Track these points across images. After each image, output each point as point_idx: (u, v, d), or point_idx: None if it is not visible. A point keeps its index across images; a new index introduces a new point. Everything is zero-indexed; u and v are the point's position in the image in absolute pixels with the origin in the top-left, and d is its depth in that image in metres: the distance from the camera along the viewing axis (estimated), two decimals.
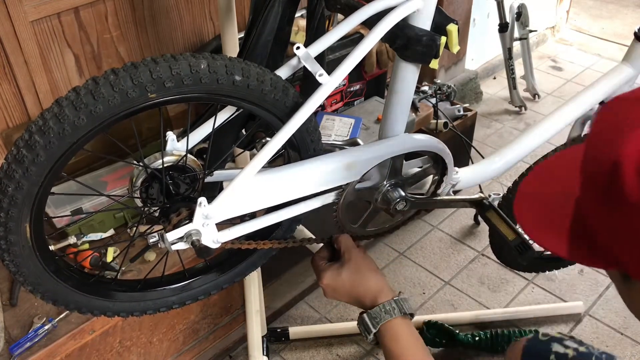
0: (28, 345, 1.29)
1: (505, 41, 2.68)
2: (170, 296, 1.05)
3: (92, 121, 0.76)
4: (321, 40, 0.96)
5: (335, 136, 1.80)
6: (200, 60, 0.80)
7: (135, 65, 0.77)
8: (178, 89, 0.79)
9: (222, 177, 1.02)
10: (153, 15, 1.67)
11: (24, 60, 1.46)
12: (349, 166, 1.00)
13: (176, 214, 0.90)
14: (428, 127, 2.15)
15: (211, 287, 1.08)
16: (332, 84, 0.90)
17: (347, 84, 1.94)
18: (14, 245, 0.82)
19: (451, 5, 2.50)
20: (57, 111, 0.75)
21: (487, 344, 1.76)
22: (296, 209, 1.01)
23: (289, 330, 1.82)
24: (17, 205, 0.78)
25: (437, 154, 1.09)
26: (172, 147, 0.94)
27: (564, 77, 3.20)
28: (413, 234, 2.22)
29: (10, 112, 1.52)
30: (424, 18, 0.92)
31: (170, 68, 0.77)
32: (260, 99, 0.87)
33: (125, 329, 1.47)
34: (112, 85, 0.75)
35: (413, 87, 1.01)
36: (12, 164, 0.76)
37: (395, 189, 1.08)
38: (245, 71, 0.83)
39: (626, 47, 1.28)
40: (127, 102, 0.77)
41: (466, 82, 2.82)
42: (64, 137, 0.75)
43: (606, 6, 3.90)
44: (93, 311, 0.97)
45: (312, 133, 0.97)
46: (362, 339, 1.84)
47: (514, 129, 2.82)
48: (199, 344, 1.72)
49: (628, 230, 0.58)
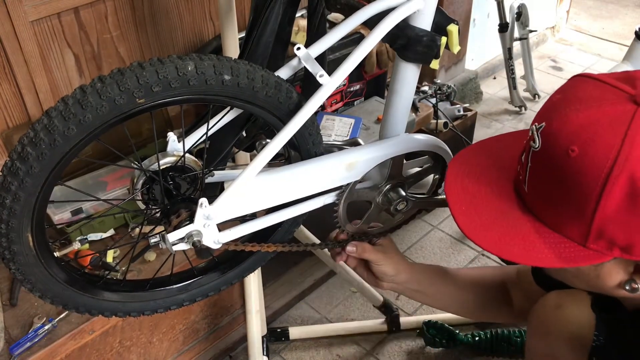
0: (28, 345, 1.29)
1: (505, 41, 2.68)
2: (180, 294, 1.05)
3: (83, 130, 0.76)
4: (322, 41, 0.96)
5: (336, 136, 1.80)
6: (187, 62, 0.79)
7: (121, 72, 0.76)
8: (166, 93, 0.78)
9: (223, 178, 1.02)
10: (153, 15, 1.67)
11: (24, 60, 1.46)
12: (349, 166, 1.00)
13: (177, 215, 0.90)
14: (428, 127, 2.15)
15: (221, 282, 1.08)
16: (332, 85, 0.90)
17: (347, 84, 1.94)
18: (18, 254, 0.83)
19: (451, 5, 2.50)
20: (46, 122, 0.75)
21: (487, 344, 1.76)
22: (297, 209, 1.01)
23: (289, 330, 1.82)
24: (16, 216, 0.78)
25: (438, 153, 1.10)
26: (172, 147, 0.94)
27: (564, 77, 3.20)
28: (413, 234, 2.22)
29: (10, 112, 1.52)
30: (425, 18, 0.92)
31: (157, 72, 0.77)
32: (252, 96, 0.86)
33: (125, 329, 1.47)
34: (99, 93, 0.75)
35: (413, 87, 1.01)
36: (7, 176, 0.76)
37: (396, 188, 1.08)
38: (235, 70, 0.83)
39: (626, 47, 1.28)
40: (115, 109, 0.76)
41: (466, 82, 2.82)
42: (56, 147, 0.75)
43: (606, 6, 3.90)
44: (104, 312, 0.97)
45: (313, 134, 0.97)
46: (362, 338, 1.84)
47: (514, 129, 2.81)
48: (199, 344, 1.72)
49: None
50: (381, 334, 1.85)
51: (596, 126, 0.67)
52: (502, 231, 0.76)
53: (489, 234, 0.76)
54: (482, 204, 0.79)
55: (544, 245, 0.72)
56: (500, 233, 0.76)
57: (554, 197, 0.71)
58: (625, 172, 0.64)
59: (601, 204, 0.67)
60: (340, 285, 2.02)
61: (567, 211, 0.70)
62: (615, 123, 0.66)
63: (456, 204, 0.80)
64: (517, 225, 0.75)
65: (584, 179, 0.67)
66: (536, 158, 0.73)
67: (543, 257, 0.72)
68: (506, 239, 0.75)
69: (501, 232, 0.76)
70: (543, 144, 0.71)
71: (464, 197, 0.80)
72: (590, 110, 0.68)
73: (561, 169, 0.69)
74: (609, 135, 0.66)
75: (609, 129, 0.66)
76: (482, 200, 0.80)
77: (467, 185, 0.82)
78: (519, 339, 1.73)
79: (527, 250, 0.73)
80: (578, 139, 0.67)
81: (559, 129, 0.70)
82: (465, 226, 0.77)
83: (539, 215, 0.75)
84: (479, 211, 0.79)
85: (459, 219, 0.78)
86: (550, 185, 0.71)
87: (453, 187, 0.82)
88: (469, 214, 0.79)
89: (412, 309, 1.93)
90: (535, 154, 0.73)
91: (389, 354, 1.80)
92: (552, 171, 0.70)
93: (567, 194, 0.69)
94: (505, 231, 0.75)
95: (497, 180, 0.81)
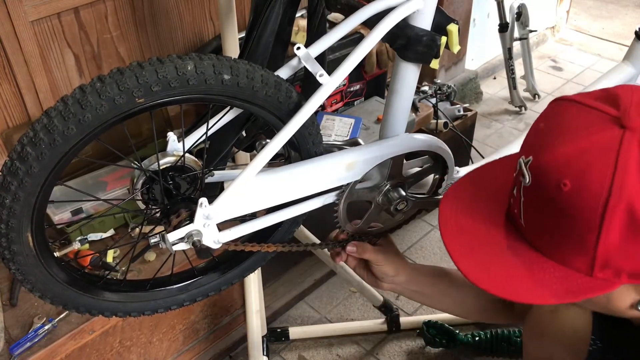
0: (28, 345, 1.29)
1: (505, 41, 2.68)
2: (180, 294, 1.05)
3: (82, 130, 0.76)
4: (322, 41, 0.96)
5: (336, 136, 1.80)
6: (187, 61, 0.79)
7: (121, 71, 0.76)
8: (166, 92, 0.78)
9: (223, 178, 1.02)
10: (153, 15, 1.67)
11: (24, 60, 1.46)
12: (349, 166, 1.00)
13: (177, 215, 0.90)
14: (428, 127, 2.15)
15: (221, 282, 1.08)
16: (332, 84, 0.89)
17: (347, 84, 1.94)
18: (18, 254, 0.82)
19: (451, 5, 2.50)
20: (46, 122, 0.75)
21: (487, 344, 1.76)
22: (297, 209, 1.01)
23: (289, 330, 1.82)
24: (15, 216, 0.78)
25: (438, 153, 1.09)
26: (172, 147, 0.94)
27: (564, 77, 3.20)
28: (413, 234, 2.22)
29: (10, 112, 1.52)
30: (425, 18, 0.92)
31: (157, 72, 0.76)
32: (252, 96, 0.86)
33: (125, 329, 1.47)
34: (99, 93, 0.75)
35: (413, 87, 1.01)
36: (7, 176, 0.76)
37: (396, 188, 1.08)
38: (234, 69, 0.82)
39: (626, 47, 1.28)
40: (115, 109, 0.76)
41: (466, 82, 2.82)
42: (56, 147, 0.75)
43: (606, 6, 3.90)
44: (104, 312, 0.97)
45: (313, 133, 0.97)
46: (362, 338, 1.84)
47: (514, 129, 2.82)
48: (199, 344, 1.72)
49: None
50: (381, 334, 1.85)
51: (585, 156, 0.65)
52: (504, 270, 0.73)
53: (491, 275, 0.74)
54: (480, 243, 0.77)
55: (551, 280, 0.70)
56: (503, 272, 0.73)
57: (553, 231, 0.69)
58: (623, 203, 0.63)
59: (602, 236, 0.65)
60: (340, 285, 2.02)
61: (569, 244, 0.68)
62: (604, 151, 0.64)
63: (454, 246, 0.77)
64: (519, 261, 0.73)
65: (581, 213, 0.65)
66: (528, 193, 0.71)
67: (551, 293, 0.70)
68: (510, 278, 0.73)
69: (504, 271, 0.73)
70: (533, 179, 0.69)
71: (461, 238, 0.78)
72: (577, 140, 0.66)
73: (556, 203, 0.67)
74: (600, 165, 0.64)
75: (599, 158, 0.64)
76: (479, 239, 0.77)
77: (462, 223, 0.79)
78: (519, 339, 1.73)
79: (534, 288, 0.71)
80: (569, 172, 0.65)
81: (548, 162, 0.68)
82: (467, 269, 0.75)
83: (540, 249, 0.72)
84: (477, 251, 0.76)
85: (458, 261, 0.76)
86: (547, 220, 0.69)
87: (448, 228, 0.80)
88: (468, 255, 0.76)
89: (412, 309, 1.93)
90: (527, 189, 0.71)
91: (389, 354, 1.80)
92: (547, 206, 0.68)
93: (566, 228, 0.68)
94: (508, 269, 0.73)
95: (491, 215, 0.79)
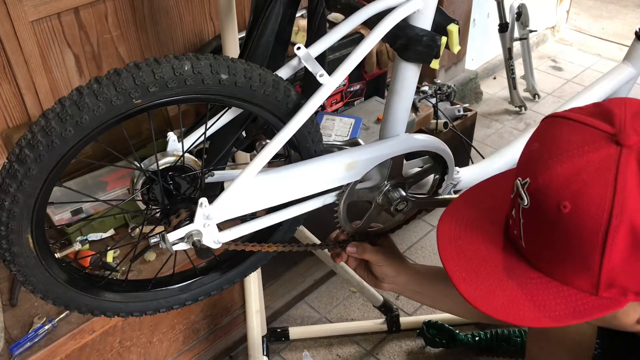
0: (28, 345, 1.29)
1: (505, 41, 2.68)
2: (182, 293, 1.05)
3: (80, 131, 0.76)
4: (322, 41, 0.96)
5: (336, 136, 1.80)
6: (184, 61, 0.79)
7: (118, 72, 0.76)
8: (163, 93, 0.78)
9: (223, 178, 1.02)
10: (153, 15, 1.67)
11: (24, 60, 1.46)
12: (349, 166, 1.00)
13: (177, 215, 0.90)
14: (428, 127, 2.15)
15: (223, 281, 1.08)
16: (332, 84, 0.89)
17: (347, 84, 1.94)
18: (19, 256, 0.83)
19: (451, 5, 2.50)
20: (44, 124, 0.75)
21: (487, 344, 1.76)
22: (297, 209, 1.01)
23: (289, 330, 1.82)
24: (15, 218, 0.78)
25: (438, 153, 1.09)
26: (172, 147, 0.94)
27: (564, 77, 3.20)
28: (413, 234, 2.22)
29: (10, 112, 1.52)
30: (425, 18, 0.92)
31: (153, 72, 0.76)
32: (250, 95, 0.86)
33: (125, 329, 1.47)
34: (96, 94, 0.75)
35: (413, 87, 1.01)
36: (6, 178, 0.76)
37: (396, 189, 1.08)
38: (232, 69, 0.82)
39: (626, 47, 1.28)
40: (112, 110, 0.76)
41: (466, 82, 2.82)
42: (54, 149, 0.75)
43: (606, 6, 3.90)
44: (106, 313, 0.97)
45: (313, 133, 0.97)
46: (362, 338, 1.84)
47: (514, 129, 2.82)
48: (199, 344, 1.72)
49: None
50: (381, 334, 1.85)
51: (583, 177, 0.64)
52: (507, 293, 0.72)
53: (495, 299, 0.72)
54: (482, 267, 0.75)
55: (556, 301, 0.69)
56: (506, 296, 0.72)
57: (555, 252, 0.68)
58: (625, 223, 0.62)
59: (606, 257, 0.64)
60: (340, 285, 2.02)
61: (573, 265, 0.67)
62: (602, 170, 0.63)
63: (455, 271, 0.75)
64: (521, 283, 0.72)
65: (583, 234, 0.64)
66: (528, 215, 0.70)
67: (558, 315, 0.68)
68: (513, 302, 0.71)
69: (507, 295, 0.72)
70: (532, 202, 0.68)
71: (462, 262, 0.76)
72: (574, 160, 0.65)
73: (556, 225, 0.66)
74: (599, 185, 0.63)
75: (597, 178, 0.63)
76: (480, 263, 0.75)
77: (462, 247, 0.77)
78: (519, 339, 1.73)
79: (539, 310, 0.69)
80: (567, 194, 0.64)
81: (546, 184, 0.67)
82: (470, 294, 0.73)
83: (543, 269, 0.71)
84: (480, 275, 0.74)
85: (460, 287, 0.74)
86: (549, 242, 0.68)
87: (448, 252, 0.78)
88: (471, 279, 0.74)
89: (412, 309, 1.93)
90: (525, 211, 0.69)
91: (389, 354, 1.80)
92: (548, 228, 0.67)
93: (569, 250, 0.66)
94: (511, 293, 0.72)
95: (491, 237, 0.77)
